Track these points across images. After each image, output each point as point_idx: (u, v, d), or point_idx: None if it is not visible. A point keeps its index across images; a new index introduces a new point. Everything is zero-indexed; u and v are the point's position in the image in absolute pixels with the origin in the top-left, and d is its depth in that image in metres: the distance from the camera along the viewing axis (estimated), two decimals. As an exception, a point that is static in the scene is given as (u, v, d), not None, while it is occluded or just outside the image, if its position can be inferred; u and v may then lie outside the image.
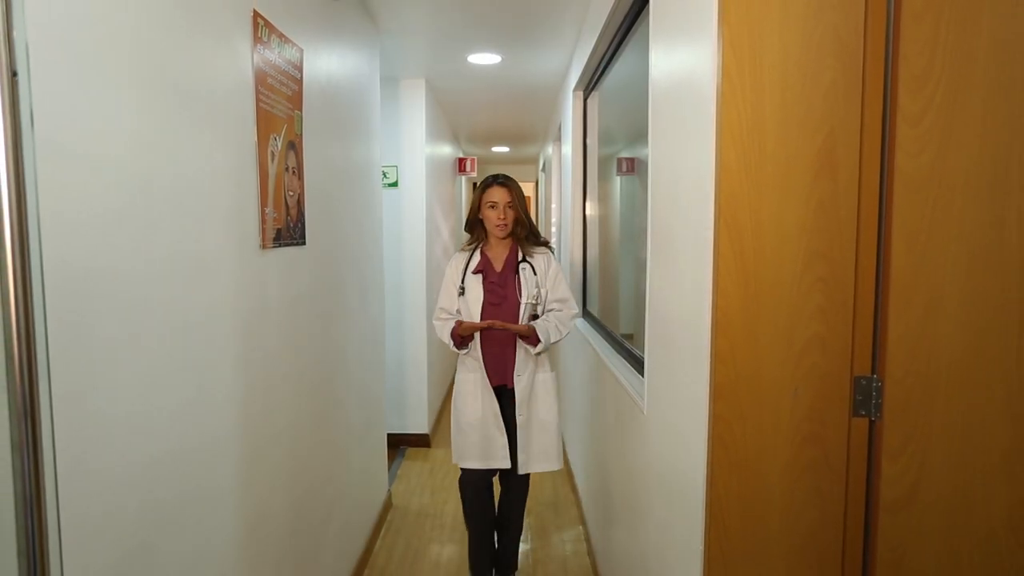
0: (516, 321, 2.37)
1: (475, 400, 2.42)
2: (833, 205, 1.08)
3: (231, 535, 1.44)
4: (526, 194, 2.49)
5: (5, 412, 0.59)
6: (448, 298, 2.47)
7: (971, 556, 1.07)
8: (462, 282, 2.43)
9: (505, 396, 2.43)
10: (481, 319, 2.37)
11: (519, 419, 2.38)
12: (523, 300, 2.37)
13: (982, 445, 1.05)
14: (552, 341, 2.35)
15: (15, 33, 0.58)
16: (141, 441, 1.09)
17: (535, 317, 2.40)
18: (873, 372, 1.10)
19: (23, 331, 0.59)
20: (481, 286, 2.39)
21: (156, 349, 1.14)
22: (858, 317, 1.10)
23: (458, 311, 2.45)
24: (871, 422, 1.11)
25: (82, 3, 0.94)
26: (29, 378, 0.59)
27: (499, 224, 2.38)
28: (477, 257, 2.45)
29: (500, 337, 2.38)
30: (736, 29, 1.07)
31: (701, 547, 1.18)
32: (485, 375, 2.40)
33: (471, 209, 2.48)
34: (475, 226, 2.49)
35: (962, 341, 1.04)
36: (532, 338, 2.32)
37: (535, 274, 2.41)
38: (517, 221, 2.42)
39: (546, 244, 2.49)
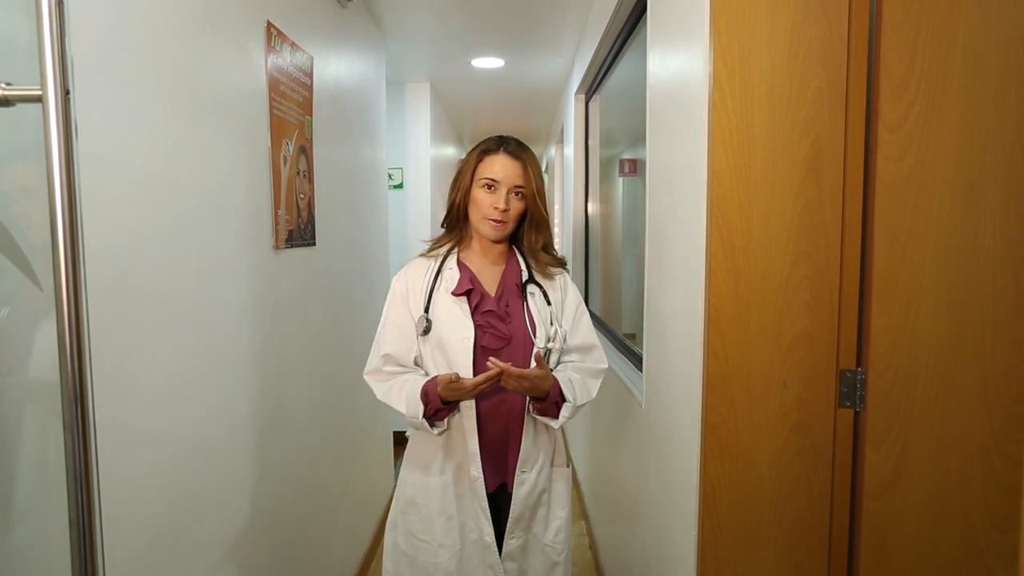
0: None
1: (447, 527, 1.43)
2: (819, 207, 1.14)
3: (248, 523, 1.50)
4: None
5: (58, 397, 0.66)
6: (398, 338, 1.45)
7: (950, 537, 1.13)
8: (426, 310, 1.44)
9: (502, 502, 1.48)
10: (474, 373, 1.37)
11: (509, 543, 1.44)
12: (539, 344, 1.43)
13: (960, 433, 1.11)
14: (579, 405, 1.44)
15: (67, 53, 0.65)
16: (168, 433, 1.16)
17: None
18: (858, 365, 1.16)
19: (74, 324, 0.65)
20: (469, 318, 1.41)
21: (180, 345, 1.21)
22: (843, 313, 1.16)
23: (417, 361, 1.47)
24: (856, 413, 1.17)
25: (115, 20, 1.01)
26: (79, 364, 0.65)
27: (495, 218, 1.42)
28: (453, 270, 1.47)
29: (502, 404, 1.43)
30: (726, 40, 1.13)
31: (695, 533, 1.24)
32: (480, 475, 1.41)
33: (456, 188, 1.49)
34: (458, 219, 1.51)
35: (940, 335, 1.10)
36: (550, 399, 1.40)
37: (548, 303, 1.50)
38: (530, 221, 1.50)
39: (562, 262, 1.57)
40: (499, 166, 1.43)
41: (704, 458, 1.21)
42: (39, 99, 0.64)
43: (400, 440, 4.16)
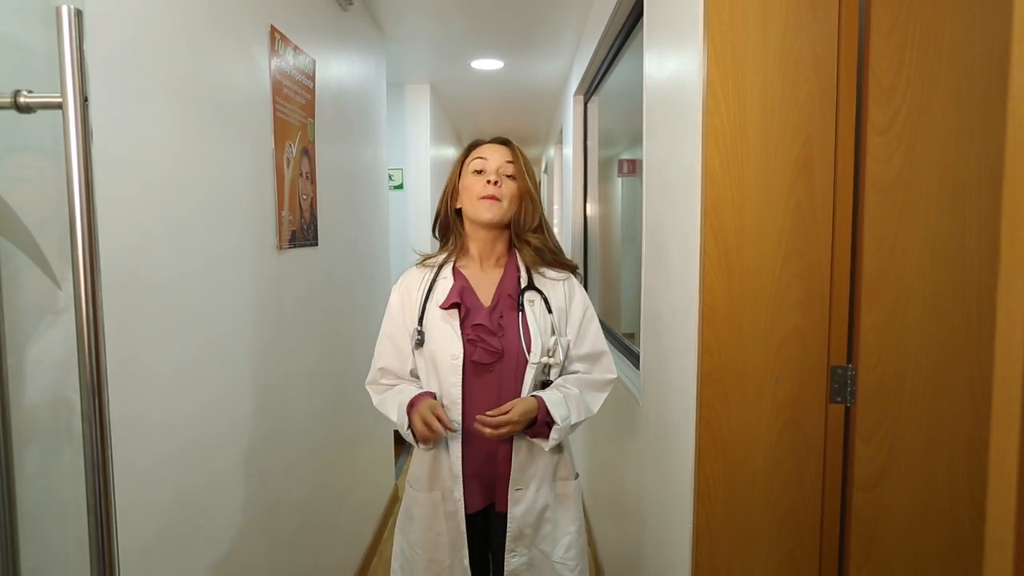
0: (519, 392, 1.37)
1: (437, 542, 1.43)
2: (810, 207, 1.17)
3: (251, 518, 1.53)
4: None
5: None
6: (395, 352, 1.46)
7: (937, 529, 1.16)
8: (420, 323, 1.42)
9: (495, 521, 1.47)
10: (463, 391, 1.37)
11: (511, 561, 1.42)
12: (534, 359, 1.38)
13: (946, 428, 1.14)
14: (574, 423, 1.38)
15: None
16: (174, 427, 1.19)
17: (546, 385, 1.43)
18: (848, 361, 1.19)
19: (91, 320, 0.68)
20: (458, 333, 1.38)
21: (186, 343, 1.23)
22: (834, 310, 1.19)
23: (413, 374, 1.47)
24: (846, 408, 1.20)
25: (126, 27, 1.04)
26: (96, 358, 0.68)
27: (487, 196, 1.38)
28: (447, 279, 1.43)
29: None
30: (719, 45, 1.16)
31: (690, 525, 1.27)
32: (461, 497, 1.39)
33: (446, 191, 1.48)
34: (450, 225, 1.49)
35: (927, 332, 1.13)
36: (540, 421, 1.35)
37: (550, 311, 1.43)
38: (522, 205, 1.42)
39: (571, 267, 1.50)
40: (487, 150, 1.43)
41: (699, 452, 1.24)
42: (59, 106, 0.67)
43: (400, 439, 4.19)
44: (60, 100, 0.67)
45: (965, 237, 1.10)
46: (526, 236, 1.44)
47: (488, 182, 1.38)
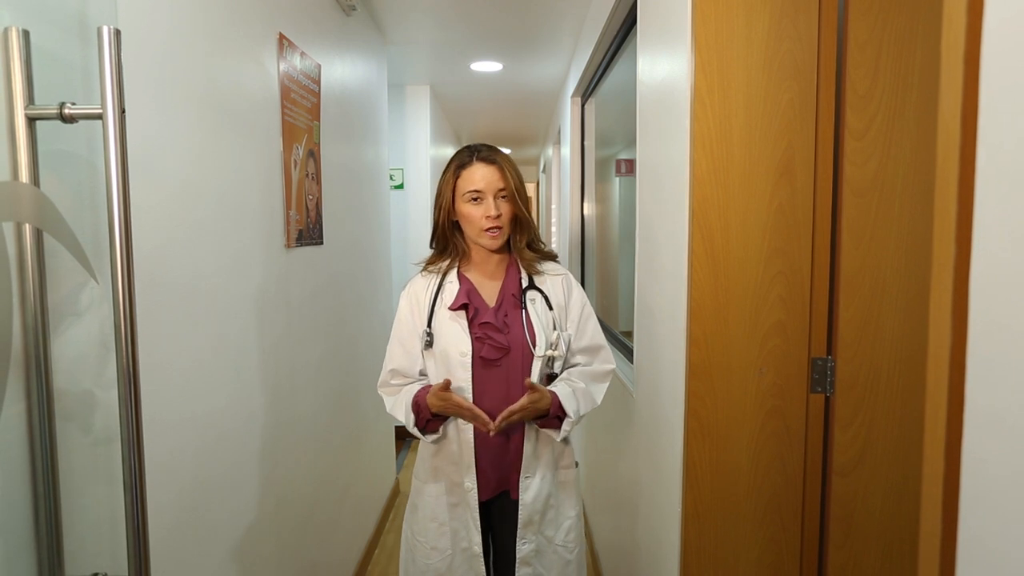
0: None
1: (439, 532, 1.51)
2: (791, 208, 1.24)
3: (260, 510, 1.60)
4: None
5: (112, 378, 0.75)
6: (405, 354, 1.53)
7: (911, 511, 1.23)
8: (429, 325, 1.50)
9: (498, 510, 1.55)
10: (473, 385, 1.45)
11: (522, 548, 1.50)
12: (539, 353, 1.47)
13: (918, 415, 1.21)
14: (582, 414, 1.48)
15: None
16: (191, 420, 1.26)
17: (551, 378, 1.53)
18: (828, 354, 1.26)
19: (127, 312, 0.75)
20: (467, 331, 1.46)
21: (201, 339, 1.30)
22: (814, 306, 1.26)
23: (422, 374, 1.54)
24: (826, 397, 1.27)
25: (153, 42, 1.11)
26: (132, 347, 0.75)
27: (490, 228, 1.46)
28: (453, 283, 1.51)
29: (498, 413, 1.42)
30: (706, 55, 1.23)
31: (679, 509, 1.34)
32: (474, 486, 1.48)
33: (439, 207, 1.52)
34: (448, 239, 1.55)
35: (901, 326, 1.21)
36: (551, 415, 1.45)
37: (551, 308, 1.52)
38: (517, 222, 1.51)
39: (550, 256, 1.60)
40: (479, 175, 1.45)
41: (687, 440, 1.31)
42: (99, 117, 0.74)
43: (401, 435, 4.26)
44: (100, 112, 0.73)
45: (935, 236, 1.17)
46: (519, 250, 1.54)
47: (488, 216, 1.45)
